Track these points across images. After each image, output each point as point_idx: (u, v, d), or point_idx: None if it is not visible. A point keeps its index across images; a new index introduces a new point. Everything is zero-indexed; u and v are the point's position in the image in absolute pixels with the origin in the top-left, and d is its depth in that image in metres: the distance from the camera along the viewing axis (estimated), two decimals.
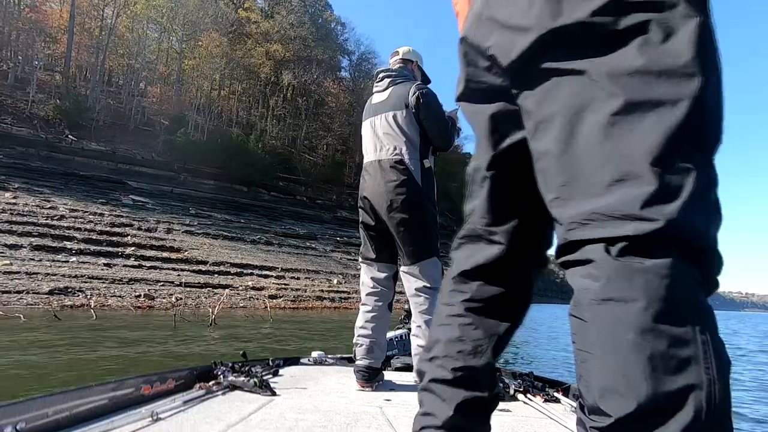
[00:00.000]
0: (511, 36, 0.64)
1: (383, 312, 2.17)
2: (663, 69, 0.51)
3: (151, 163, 29.42)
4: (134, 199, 24.32)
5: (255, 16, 45.38)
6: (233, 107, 42.56)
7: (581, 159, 0.56)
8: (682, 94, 0.51)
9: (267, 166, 35.35)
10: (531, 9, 0.61)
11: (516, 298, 0.81)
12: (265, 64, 41.68)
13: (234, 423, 1.36)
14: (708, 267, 0.52)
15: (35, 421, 1.13)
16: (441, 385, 0.76)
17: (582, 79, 0.56)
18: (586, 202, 0.54)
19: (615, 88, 0.53)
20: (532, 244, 0.80)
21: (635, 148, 0.51)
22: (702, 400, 0.45)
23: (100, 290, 13.45)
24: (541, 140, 0.61)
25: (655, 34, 0.52)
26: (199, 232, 23.12)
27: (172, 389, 1.65)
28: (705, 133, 0.52)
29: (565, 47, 0.58)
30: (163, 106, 35.34)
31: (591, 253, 0.53)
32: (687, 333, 0.47)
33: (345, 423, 1.43)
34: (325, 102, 47.54)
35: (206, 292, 16.28)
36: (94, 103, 30.44)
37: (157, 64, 38.58)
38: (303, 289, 21.02)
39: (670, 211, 0.49)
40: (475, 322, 0.79)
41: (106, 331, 7.57)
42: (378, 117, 2.19)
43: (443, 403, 0.74)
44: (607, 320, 0.50)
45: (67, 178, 23.24)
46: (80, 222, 18.26)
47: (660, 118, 0.51)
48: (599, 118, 0.54)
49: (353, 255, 30.84)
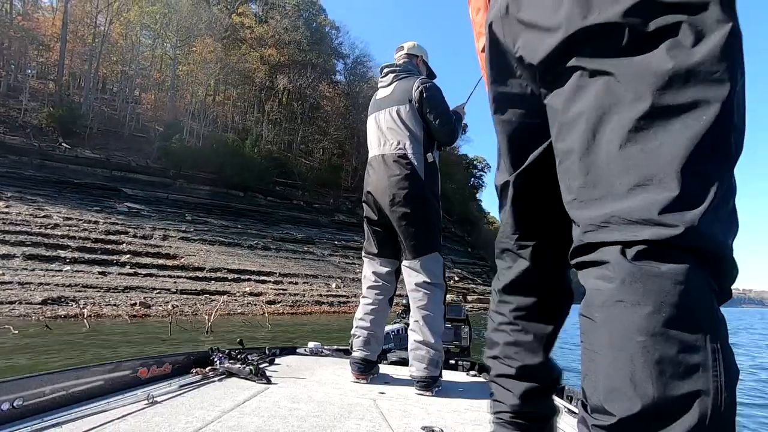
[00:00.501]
0: (540, 35, 0.64)
1: (383, 306, 2.17)
2: (692, 73, 0.50)
3: (146, 169, 29.18)
4: (129, 206, 24.09)
5: (249, 21, 45.28)
6: (228, 112, 42.38)
7: (603, 161, 0.55)
8: (710, 100, 0.50)
9: (263, 170, 35.15)
10: (560, 9, 0.61)
11: (555, 302, 0.86)
12: (259, 69, 41.54)
13: (229, 409, 1.36)
14: (723, 276, 0.52)
15: (32, 398, 1.13)
16: (506, 379, 0.87)
17: (609, 79, 0.55)
18: (605, 204, 0.54)
19: (642, 90, 0.52)
20: (560, 256, 0.79)
21: (659, 153, 0.51)
22: (708, 406, 0.44)
23: (95, 299, 13.23)
24: (566, 140, 0.61)
25: (686, 38, 0.51)
26: (195, 238, 22.91)
27: (169, 373, 1.66)
28: (729, 142, 0.51)
29: (593, 47, 0.57)
30: (158, 113, 35.10)
31: (606, 255, 0.53)
32: (698, 340, 0.46)
33: (338, 414, 1.44)
34: (321, 106, 47.45)
35: (203, 299, 16.07)
36: (88, 110, 30.20)
37: (151, 71, 38.42)
38: (301, 294, 20.83)
39: (691, 218, 0.48)
40: (525, 328, 0.86)
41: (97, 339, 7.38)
42: (382, 112, 2.19)
43: (509, 393, 0.86)
44: (618, 322, 0.50)
45: (60, 186, 23.01)
46: (74, 230, 18.02)
47: (686, 124, 0.50)
48: (624, 121, 0.53)
49: (351, 259, 30.69)
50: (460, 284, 34.99)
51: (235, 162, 32.60)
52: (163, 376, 1.64)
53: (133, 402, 1.31)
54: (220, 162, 31.88)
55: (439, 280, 2.07)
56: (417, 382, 1.92)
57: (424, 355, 1.94)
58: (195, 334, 8.79)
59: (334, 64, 52.59)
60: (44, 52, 33.17)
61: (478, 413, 1.59)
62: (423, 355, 1.95)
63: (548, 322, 0.86)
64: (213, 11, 41.18)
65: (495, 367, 0.89)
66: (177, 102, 37.10)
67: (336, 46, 53.04)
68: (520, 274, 0.86)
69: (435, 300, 2.03)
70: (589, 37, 0.57)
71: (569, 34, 0.59)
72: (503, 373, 0.87)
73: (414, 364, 1.97)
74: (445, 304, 2.10)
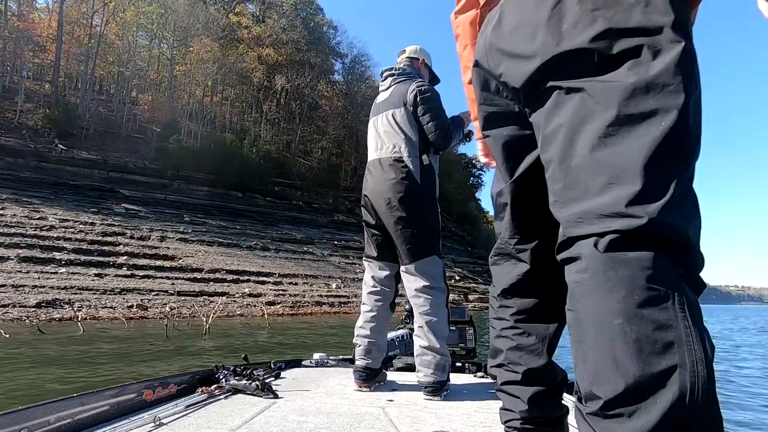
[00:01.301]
0: (520, 63, 0.73)
1: (383, 312, 2.15)
2: (651, 86, 0.58)
3: (144, 170, 28.93)
4: (127, 207, 23.85)
5: (246, 20, 45.03)
6: (226, 113, 42.11)
7: (579, 164, 0.62)
8: (668, 108, 0.57)
9: (262, 171, 34.88)
10: (535, 38, 0.69)
11: (555, 302, 0.87)
12: (257, 69, 41.29)
13: (237, 427, 1.34)
14: (690, 263, 0.57)
15: (38, 428, 1.12)
16: (512, 385, 0.90)
17: (583, 95, 0.63)
18: (581, 203, 0.61)
19: (610, 102, 0.60)
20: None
21: (625, 154, 0.57)
22: (686, 379, 0.48)
23: (91, 301, 13.00)
24: (548, 150, 0.69)
25: (645, 56, 0.59)
26: (193, 239, 22.68)
27: (174, 394, 1.65)
28: (685, 144, 0.58)
29: (567, 69, 0.66)
30: (155, 114, 34.78)
31: (582, 248, 0.59)
32: (670, 319, 0.50)
33: (348, 424, 1.42)
34: (319, 105, 47.23)
35: (201, 301, 15.85)
36: (84, 111, 29.92)
37: (148, 71, 38.14)
38: (301, 295, 20.63)
39: (653, 209, 0.54)
40: (526, 330, 0.90)
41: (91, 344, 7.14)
42: (380, 115, 2.19)
43: (517, 399, 0.89)
44: (597, 309, 0.55)
45: (57, 188, 22.77)
46: (70, 232, 17.79)
47: (648, 129, 0.57)
48: (595, 129, 0.61)
49: (352, 258, 30.48)
50: (461, 284, 34.81)
51: (234, 162, 32.35)
52: (169, 397, 1.62)
53: (140, 425, 1.29)
54: (219, 162, 31.63)
55: (439, 283, 2.04)
56: (425, 388, 1.91)
57: (431, 360, 1.93)
58: (193, 337, 8.56)
59: (332, 63, 52.37)
60: (40, 53, 32.91)
61: (487, 415, 1.59)
62: (429, 361, 1.93)
63: (549, 321, 0.90)
64: (210, 11, 40.91)
65: (500, 375, 0.93)
66: (174, 102, 36.80)
67: (334, 46, 52.83)
68: (520, 276, 0.91)
69: (437, 304, 2.00)
70: (562, 62, 0.66)
71: (545, 60, 0.67)
72: (509, 380, 0.90)
73: (421, 369, 1.95)
74: (448, 306, 2.08)
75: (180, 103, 37.32)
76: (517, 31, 0.74)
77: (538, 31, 0.69)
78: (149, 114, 34.83)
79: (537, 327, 0.89)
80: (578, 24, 0.64)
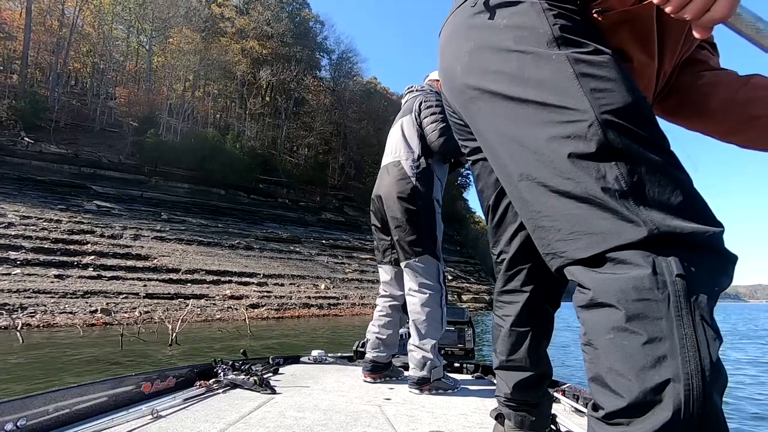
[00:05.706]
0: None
1: (393, 313, 2.25)
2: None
3: (119, 166, 27.23)
4: (99, 204, 22.19)
5: (229, 12, 43.44)
6: (209, 108, 40.40)
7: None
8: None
9: (246, 167, 33.34)
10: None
11: (552, 293, 1.01)
12: (241, 62, 39.75)
13: (234, 421, 1.33)
14: (699, 261, 0.53)
15: (36, 418, 1.13)
16: (502, 370, 1.05)
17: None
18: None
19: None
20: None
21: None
22: (680, 393, 0.46)
23: (47, 306, 11.52)
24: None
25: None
26: (170, 237, 21.18)
27: (173, 387, 1.65)
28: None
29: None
30: (132, 107, 32.94)
31: (573, 272, 0.60)
32: (662, 330, 0.48)
33: (345, 422, 1.40)
34: (306, 101, 45.84)
35: (177, 304, 14.45)
36: (54, 103, 28.09)
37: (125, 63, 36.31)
38: (288, 296, 19.35)
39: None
40: (520, 322, 1.01)
41: (16, 357, 5.77)
42: (394, 125, 2.35)
43: (504, 383, 1.04)
44: (593, 323, 0.55)
45: (21, 184, 21.03)
46: (31, 230, 16.17)
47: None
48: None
49: (341, 258, 29.25)
50: (454, 283, 33.87)
51: (216, 158, 30.79)
52: (167, 390, 1.61)
53: (138, 417, 1.29)
54: (200, 158, 30.07)
55: (431, 283, 2.07)
56: (409, 382, 1.98)
57: (414, 356, 2.00)
58: (155, 345, 7.24)
59: (318, 59, 51.04)
60: (7, 42, 30.86)
61: (484, 416, 1.58)
62: (413, 357, 2.01)
63: (543, 312, 1.01)
64: (191, 1, 39.13)
65: (494, 361, 1.07)
66: (153, 96, 35.01)
67: (321, 41, 51.53)
68: (516, 273, 0.99)
69: (427, 303, 2.04)
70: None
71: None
72: (499, 365, 1.05)
73: (409, 365, 2.03)
74: (443, 306, 2.09)
75: (159, 97, 35.54)
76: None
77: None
78: (126, 108, 32.99)
79: (531, 319, 1.00)
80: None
